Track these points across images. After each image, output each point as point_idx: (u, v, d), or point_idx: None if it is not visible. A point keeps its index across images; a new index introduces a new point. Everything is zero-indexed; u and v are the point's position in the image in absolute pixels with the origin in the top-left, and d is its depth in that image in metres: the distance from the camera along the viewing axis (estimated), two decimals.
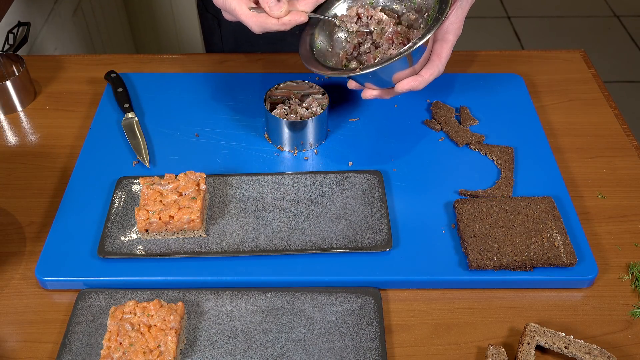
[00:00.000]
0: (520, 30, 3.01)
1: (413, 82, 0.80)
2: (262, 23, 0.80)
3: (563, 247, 0.79)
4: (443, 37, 0.83)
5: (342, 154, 0.95)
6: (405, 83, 0.80)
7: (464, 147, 0.96)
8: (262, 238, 0.82)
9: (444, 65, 0.83)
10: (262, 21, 0.80)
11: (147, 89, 1.06)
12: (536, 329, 0.72)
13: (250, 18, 0.80)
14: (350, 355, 0.71)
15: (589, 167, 0.95)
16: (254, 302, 0.76)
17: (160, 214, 0.80)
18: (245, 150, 0.96)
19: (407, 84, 0.80)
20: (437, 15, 0.79)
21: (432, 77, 0.81)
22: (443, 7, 0.80)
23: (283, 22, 0.80)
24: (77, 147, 0.98)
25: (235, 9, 0.80)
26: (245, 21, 0.80)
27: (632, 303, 0.78)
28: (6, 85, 1.02)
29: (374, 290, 0.77)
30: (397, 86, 0.81)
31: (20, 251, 0.84)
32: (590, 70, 1.13)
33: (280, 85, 0.97)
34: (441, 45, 0.83)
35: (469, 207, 0.84)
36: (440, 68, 0.82)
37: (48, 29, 1.60)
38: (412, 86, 0.80)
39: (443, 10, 0.79)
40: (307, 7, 0.82)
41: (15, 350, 0.74)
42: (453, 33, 0.83)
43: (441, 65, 0.82)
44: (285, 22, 0.80)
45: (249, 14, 0.79)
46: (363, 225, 0.83)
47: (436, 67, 0.82)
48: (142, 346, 0.69)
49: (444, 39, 0.83)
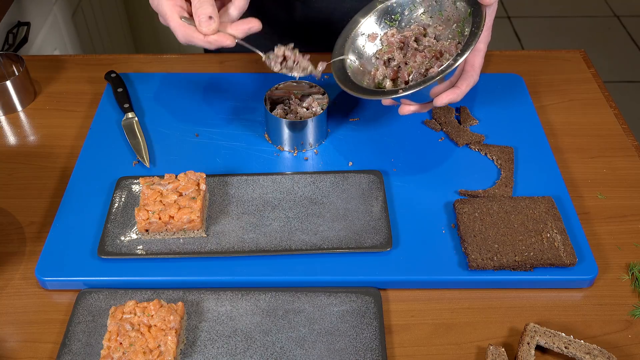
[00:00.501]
0: (520, 30, 3.01)
1: (452, 94, 0.81)
2: (189, 35, 0.79)
3: (563, 247, 0.79)
4: (475, 47, 0.83)
5: (342, 154, 0.95)
6: (444, 97, 0.81)
7: (464, 147, 0.96)
8: (262, 238, 0.82)
9: (478, 74, 0.83)
10: (189, 33, 0.79)
11: (147, 89, 1.06)
12: (536, 329, 0.72)
13: (178, 27, 0.80)
14: (350, 355, 0.71)
15: (589, 167, 0.95)
16: (254, 302, 0.76)
17: (160, 214, 0.80)
18: (245, 150, 0.96)
19: (446, 98, 0.81)
20: (474, 29, 0.79)
21: (468, 88, 0.82)
22: (478, 20, 0.80)
23: (209, 40, 0.79)
24: (77, 147, 0.98)
25: (167, 14, 0.80)
26: (174, 29, 0.80)
27: (632, 303, 0.78)
28: (6, 85, 1.02)
29: (374, 290, 0.77)
30: (435, 100, 0.81)
31: (20, 251, 0.84)
32: (590, 70, 1.13)
33: (280, 85, 0.97)
34: (474, 55, 0.83)
35: (469, 207, 0.84)
36: (475, 78, 0.83)
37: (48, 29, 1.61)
38: (451, 99, 0.81)
39: (478, 23, 0.79)
40: (237, 33, 0.81)
41: (15, 350, 0.74)
42: (484, 42, 0.84)
43: (476, 75, 0.83)
44: (210, 41, 0.79)
45: (179, 23, 0.79)
46: (363, 225, 0.83)
47: (472, 78, 0.82)
48: (142, 346, 0.69)
49: (476, 48, 0.83)
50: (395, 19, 0.89)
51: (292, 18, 1.11)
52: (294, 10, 1.10)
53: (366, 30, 0.90)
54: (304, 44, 1.14)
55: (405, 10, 0.89)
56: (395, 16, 0.89)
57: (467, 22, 0.82)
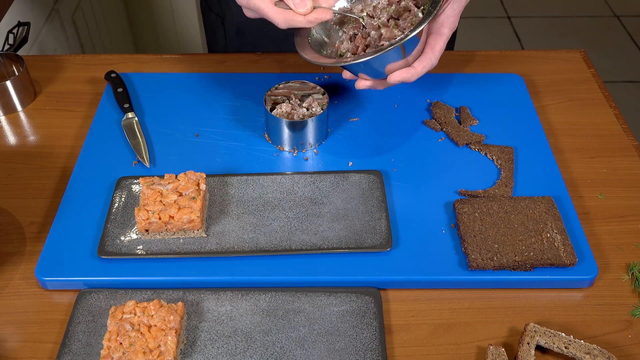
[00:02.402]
0: (520, 30, 3.01)
1: (405, 73, 0.80)
2: (289, 20, 0.80)
3: (563, 247, 0.79)
4: (438, 31, 0.82)
5: (342, 154, 0.95)
6: (398, 74, 0.80)
7: (464, 147, 0.96)
8: (262, 238, 0.82)
9: (437, 58, 0.82)
10: (289, 17, 0.80)
11: (147, 89, 1.06)
12: (536, 329, 0.72)
13: (276, 14, 0.80)
14: (350, 355, 0.71)
15: (589, 167, 0.95)
16: (254, 302, 0.76)
17: (160, 214, 0.80)
18: (245, 150, 0.96)
19: (399, 76, 0.80)
20: (431, 9, 0.79)
21: (424, 70, 0.81)
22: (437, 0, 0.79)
23: (309, 19, 0.80)
24: (77, 147, 0.98)
25: (261, 6, 0.80)
26: (272, 17, 0.80)
27: (632, 303, 0.78)
28: (6, 85, 1.02)
29: (374, 290, 0.77)
30: (389, 77, 0.81)
31: (20, 251, 0.84)
32: (590, 70, 1.12)
33: (280, 85, 0.97)
34: (435, 38, 0.82)
35: (469, 207, 0.84)
36: (434, 61, 0.82)
37: (48, 29, 1.61)
38: (404, 77, 0.80)
39: (436, 2, 0.79)
40: (330, 3, 0.82)
41: (15, 350, 0.74)
42: (448, 27, 0.83)
43: (434, 58, 0.82)
44: (310, 20, 0.80)
45: (275, 10, 0.80)
46: (363, 225, 0.83)
47: (429, 60, 0.81)
48: (142, 346, 0.69)
49: (438, 32, 0.82)
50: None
51: None
52: None
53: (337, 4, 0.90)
54: None
55: None
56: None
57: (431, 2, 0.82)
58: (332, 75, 1.08)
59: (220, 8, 1.20)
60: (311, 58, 0.83)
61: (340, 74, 1.08)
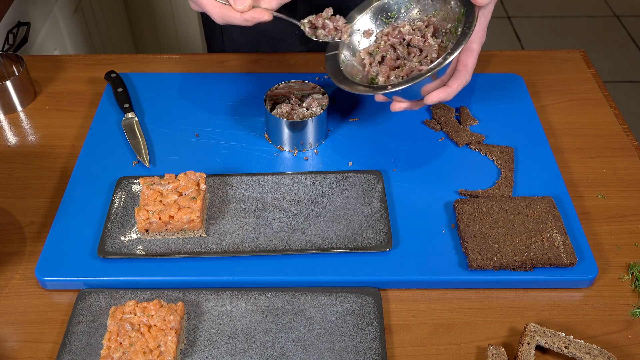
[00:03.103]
0: (520, 30, 3.01)
1: (442, 93, 0.81)
2: (225, 15, 0.79)
3: (563, 247, 0.79)
4: (468, 47, 0.83)
5: (342, 154, 0.95)
6: (435, 95, 0.81)
7: (464, 147, 0.96)
8: (262, 238, 0.82)
9: (470, 74, 0.83)
10: (225, 13, 0.79)
11: (147, 89, 1.06)
12: (536, 329, 0.72)
13: (214, 8, 0.80)
14: (350, 355, 0.71)
15: (589, 167, 0.95)
16: (254, 302, 0.76)
17: (160, 214, 0.80)
18: (245, 150, 0.96)
19: (437, 96, 0.81)
20: (465, 29, 0.79)
21: (460, 87, 0.82)
22: (470, 20, 0.80)
23: (245, 17, 0.79)
24: (77, 147, 0.98)
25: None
26: (209, 11, 0.80)
27: (632, 303, 0.78)
28: (6, 85, 1.02)
29: (374, 290, 0.77)
30: (426, 98, 0.81)
31: (20, 251, 0.84)
32: (590, 70, 1.13)
33: (280, 85, 0.97)
34: (467, 55, 0.83)
35: (469, 207, 0.84)
36: (467, 78, 0.83)
37: (48, 29, 1.60)
38: (442, 98, 0.81)
39: (470, 23, 0.79)
40: (271, 5, 0.81)
41: (15, 350, 0.74)
42: (477, 42, 0.84)
43: (468, 75, 0.83)
44: (247, 18, 0.79)
45: (214, 4, 0.79)
46: (363, 225, 0.83)
47: (463, 77, 0.82)
48: (142, 346, 0.69)
49: (469, 48, 0.83)
50: (391, 16, 0.89)
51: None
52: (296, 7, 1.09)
53: (362, 26, 0.90)
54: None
55: (402, 9, 0.89)
56: (391, 14, 0.89)
57: (460, 22, 0.82)
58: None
59: None
60: (350, 88, 0.83)
61: None
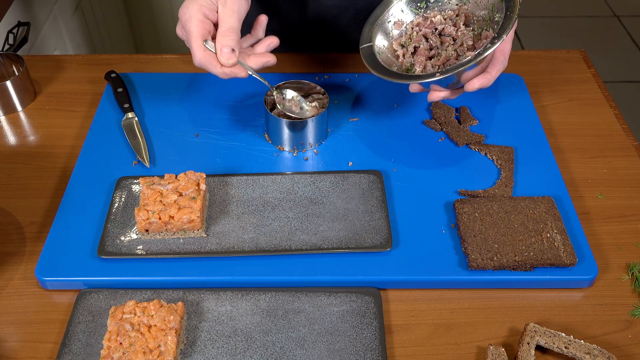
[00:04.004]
0: (520, 30, 3.01)
1: (483, 79, 0.81)
2: (206, 61, 0.80)
3: (563, 247, 0.79)
4: None
5: (342, 154, 0.95)
6: (476, 82, 0.81)
7: (464, 147, 0.96)
8: (262, 238, 0.82)
9: (507, 60, 0.84)
10: (207, 59, 0.80)
11: (147, 89, 1.06)
12: (536, 329, 0.72)
13: (198, 50, 0.80)
14: (350, 355, 0.71)
15: (589, 167, 0.95)
16: (254, 302, 0.76)
17: (160, 214, 0.80)
18: (245, 150, 0.96)
19: (477, 83, 0.81)
20: (509, 13, 0.79)
21: (498, 74, 0.83)
22: (512, 5, 0.80)
23: (224, 71, 0.81)
24: (77, 147, 0.98)
25: (192, 33, 0.80)
26: (193, 50, 0.81)
27: (632, 303, 0.78)
28: (6, 85, 1.02)
29: (374, 290, 0.77)
30: (466, 85, 0.82)
31: (20, 251, 0.84)
32: (590, 70, 1.13)
33: (281, 85, 0.97)
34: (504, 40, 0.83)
35: (469, 207, 0.84)
36: (505, 63, 0.83)
37: (48, 29, 1.61)
38: (482, 84, 0.82)
39: (513, 7, 0.80)
40: (254, 66, 0.84)
41: (15, 350, 0.74)
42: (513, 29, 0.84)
43: (505, 61, 0.83)
44: (225, 72, 0.81)
45: (200, 46, 0.80)
46: (363, 225, 0.83)
47: (501, 64, 0.83)
48: (142, 346, 0.69)
49: None
50: (420, 7, 0.90)
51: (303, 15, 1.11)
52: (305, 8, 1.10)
53: (394, 15, 0.90)
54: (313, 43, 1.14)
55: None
56: (420, 4, 0.90)
57: (498, 7, 0.82)
58: (332, 75, 1.08)
59: None
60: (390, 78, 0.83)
61: (342, 74, 1.08)
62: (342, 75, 1.08)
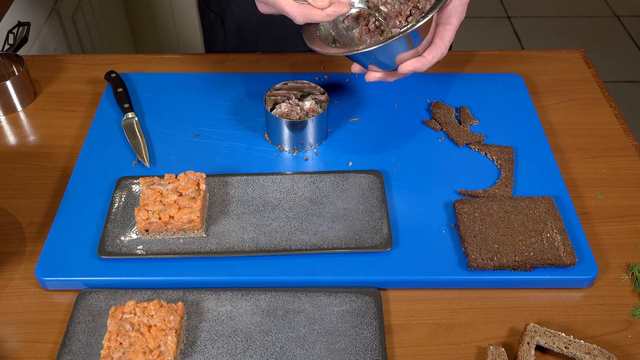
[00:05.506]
0: (520, 30, 3.01)
1: (416, 63, 0.81)
2: (306, 14, 0.79)
3: (563, 247, 0.79)
4: (446, 21, 0.83)
5: (342, 154, 0.95)
6: (409, 64, 0.81)
7: (464, 147, 0.96)
8: (262, 238, 0.82)
9: (447, 47, 0.83)
10: (307, 12, 0.79)
11: (147, 89, 1.06)
12: (536, 329, 0.72)
13: (294, 9, 0.79)
14: (350, 355, 0.71)
15: (589, 167, 0.95)
16: (254, 302, 0.76)
17: (160, 214, 0.80)
18: (245, 150, 0.96)
19: (411, 65, 0.81)
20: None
21: (435, 59, 0.82)
22: None
23: (327, 13, 0.79)
24: (77, 147, 0.98)
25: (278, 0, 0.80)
26: (289, 12, 0.80)
27: (632, 303, 0.78)
28: (6, 85, 1.02)
29: (374, 290, 0.77)
30: (400, 67, 0.81)
31: (20, 251, 0.84)
32: (590, 70, 1.13)
33: (280, 85, 0.97)
34: (444, 28, 0.83)
35: (469, 207, 0.84)
36: (444, 50, 0.82)
37: (48, 29, 1.61)
38: (416, 67, 0.81)
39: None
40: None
41: (15, 350, 0.74)
42: (456, 17, 0.83)
43: (444, 48, 0.82)
44: (329, 13, 0.79)
45: (293, 4, 0.79)
46: (363, 225, 0.83)
47: (439, 49, 0.82)
48: (142, 346, 0.69)
49: (447, 22, 0.83)
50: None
51: None
52: None
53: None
54: None
55: None
56: None
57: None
58: (332, 75, 1.08)
59: (220, 7, 1.20)
60: (320, 49, 0.83)
61: (341, 74, 1.08)
62: (342, 75, 1.08)
